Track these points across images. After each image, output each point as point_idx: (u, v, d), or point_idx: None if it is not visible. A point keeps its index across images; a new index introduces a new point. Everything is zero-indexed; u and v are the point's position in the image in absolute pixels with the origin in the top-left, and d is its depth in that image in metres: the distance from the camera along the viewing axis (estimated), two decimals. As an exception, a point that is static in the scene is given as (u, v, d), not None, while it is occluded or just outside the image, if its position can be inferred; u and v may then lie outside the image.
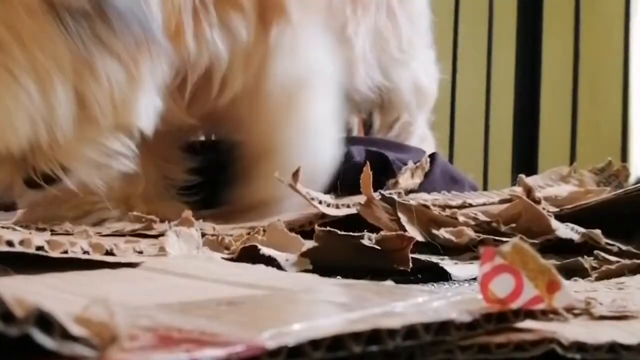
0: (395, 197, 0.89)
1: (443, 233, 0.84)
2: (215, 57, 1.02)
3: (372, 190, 0.89)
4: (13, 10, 0.86)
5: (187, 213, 0.84)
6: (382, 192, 0.91)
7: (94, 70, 0.89)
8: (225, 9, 1.02)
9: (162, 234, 0.79)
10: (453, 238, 0.83)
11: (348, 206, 0.95)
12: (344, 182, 1.09)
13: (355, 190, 0.93)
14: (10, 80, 0.86)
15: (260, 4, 1.04)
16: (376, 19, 1.33)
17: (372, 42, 1.32)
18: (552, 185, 1.09)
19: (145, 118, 0.95)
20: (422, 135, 1.46)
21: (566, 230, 0.85)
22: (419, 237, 0.83)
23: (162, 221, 0.93)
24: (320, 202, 0.94)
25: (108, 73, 0.90)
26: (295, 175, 0.93)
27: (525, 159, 1.91)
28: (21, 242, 0.59)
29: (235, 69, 1.04)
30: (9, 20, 0.86)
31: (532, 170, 1.72)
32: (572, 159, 1.73)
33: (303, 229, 0.92)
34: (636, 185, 0.94)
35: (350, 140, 1.28)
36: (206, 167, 1.15)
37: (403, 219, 0.85)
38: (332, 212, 0.94)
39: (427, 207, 0.88)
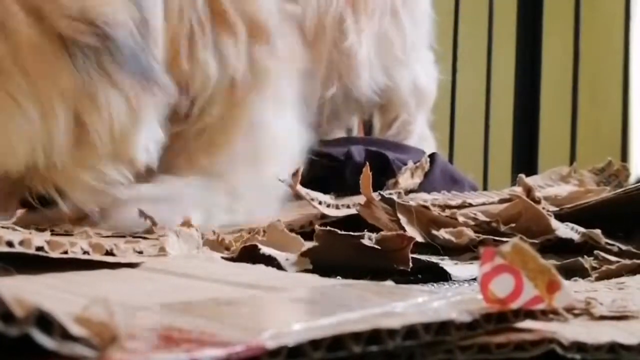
0: (394, 197, 0.89)
1: (443, 234, 0.84)
2: (206, 78, 1.03)
3: (371, 191, 0.89)
4: (17, 45, 0.88)
5: (187, 216, 0.84)
6: (381, 192, 0.91)
7: (96, 101, 0.90)
8: (220, 34, 1.03)
9: (162, 235, 0.79)
10: (453, 238, 0.83)
11: (348, 207, 0.95)
12: (343, 182, 1.09)
13: (355, 190, 0.93)
14: (11, 104, 0.88)
15: (250, 35, 1.05)
16: (380, 23, 1.33)
17: (377, 46, 1.32)
18: (552, 185, 1.09)
19: (145, 151, 0.96)
20: (421, 134, 1.47)
21: (566, 230, 0.85)
22: (419, 238, 0.83)
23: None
24: (320, 203, 0.95)
25: (110, 105, 0.91)
26: (295, 176, 0.94)
27: (525, 159, 1.91)
28: (21, 243, 0.59)
29: (219, 93, 1.05)
30: (12, 53, 0.88)
31: (532, 170, 1.72)
32: (572, 159, 1.73)
33: (303, 229, 0.92)
34: (636, 185, 0.94)
35: (350, 140, 1.28)
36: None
37: (403, 220, 0.85)
38: (332, 212, 0.94)
39: (426, 207, 0.88)
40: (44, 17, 0.88)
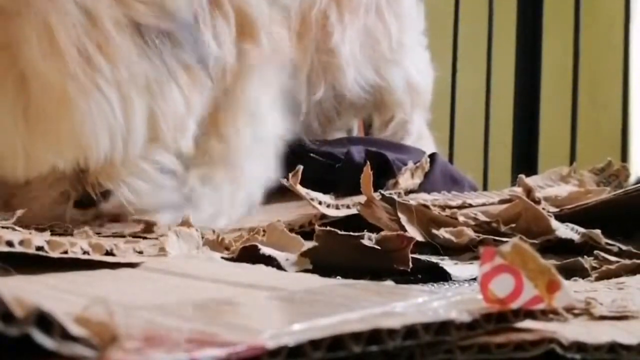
0: (395, 197, 0.89)
1: (443, 233, 0.84)
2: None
3: (372, 190, 0.89)
4: (103, 28, 0.88)
5: (186, 216, 0.84)
6: (382, 192, 0.91)
7: (165, 91, 0.91)
8: (216, 14, 1.04)
9: (162, 235, 0.79)
10: (453, 238, 0.83)
11: (348, 207, 0.95)
12: (343, 182, 1.09)
13: (354, 190, 0.93)
14: (97, 95, 0.88)
15: (238, 25, 1.06)
16: (366, 20, 1.33)
17: (363, 43, 1.33)
18: (552, 185, 1.09)
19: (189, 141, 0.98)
20: (419, 133, 1.46)
21: (566, 231, 0.85)
22: (419, 237, 0.83)
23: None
24: (320, 203, 0.95)
25: (175, 95, 0.92)
26: (295, 175, 0.94)
27: (525, 159, 1.91)
28: (21, 243, 0.59)
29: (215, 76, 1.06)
30: (98, 38, 0.88)
31: (532, 170, 1.72)
32: (572, 159, 1.73)
33: (303, 229, 0.92)
34: (636, 186, 0.94)
35: (350, 141, 1.28)
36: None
37: (403, 219, 0.85)
38: (332, 212, 0.94)
39: (427, 207, 0.88)
40: (122, 2, 0.88)
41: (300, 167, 0.95)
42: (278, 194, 1.07)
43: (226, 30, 1.04)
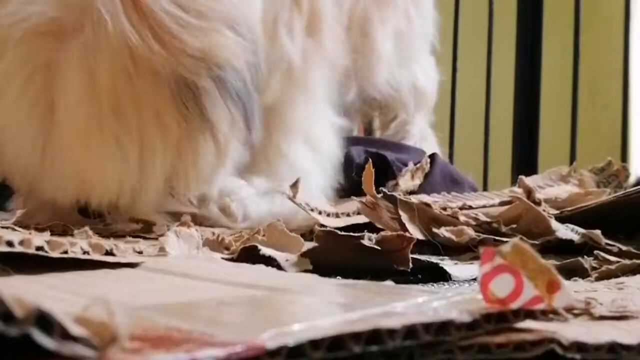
0: (396, 195, 0.89)
1: (443, 232, 0.84)
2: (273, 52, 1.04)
3: (374, 188, 0.89)
4: (143, 80, 0.87)
5: (186, 217, 0.84)
6: (383, 189, 0.91)
7: (194, 147, 0.91)
8: (293, 7, 1.06)
9: (162, 235, 0.79)
10: (453, 237, 0.84)
11: (348, 215, 0.95)
12: (343, 183, 1.09)
13: (355, 191, 0.93)
14: (115, 151, 0.88)
15: (308, 24, 1.07)
16: (397, 18, 1.33)
17: (395, 42, 1.32)
18: (552, 185, 1.09)
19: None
20: (422, 134, 1.46)
21: (566, 231, 0.85)
22: (420, 236, 0.83)
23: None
24: (320, 213, 0.94)
25: (205, 150, 0.92)
26: (294, 186, 0.94)
27: (525, 159, 1.91)
28: (21, 242, 0.59)
29: (279, 71, 1.06)
30: (136, 90, 0.87)
31: (532, 170, 1.72)
32: (572, 159, 1.73)
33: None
34: (636, 187, 0.94)
35: (350, 141, 1.28)
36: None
37: (404, 217, 0.85)
38: (331, 222, 0.93)
39: (428, 205, 0.88)
40: (168, 55, 0.87)
41: (300, 178, 0.95)
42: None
43: (299, 27, 1.05)
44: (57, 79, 0.87)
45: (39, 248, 0.59)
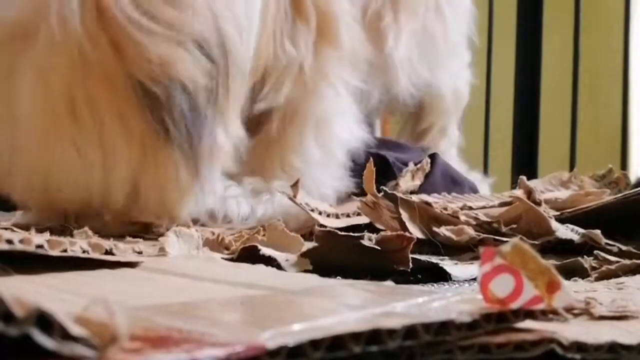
0: (397, 194, 0.89)
1: (444, 231, 0.84)
2: (277, 57, 1.03)
3: (374, 187, 0.89)
4: (96, 81, 0.87)
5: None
6: (384, 188, 0.91)
7: (158, 160, 0.90)
8: (295, 19, 1.04)
9: (161, 235, 0.79)
10: (453, 236, 0.83)
11: (348, 215, 0.95)
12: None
13: (354, 192, 0.93)
14: (75, 155, 0.88)
15: (319, 27, 1.06)
16: (425, 20, 1.29)
17: (419, 44, 1.28)
18: (552, 190, 1.09)
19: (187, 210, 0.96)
20: (453, 139, 1.44)
21: (566, 231, 0.85)
22: (420, 235, 0.83)
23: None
24: (320, 213, 0.94)
25: (173, 165, 0.90)
26: (295, 186, 0.94)
27: (525, 160, 1.91)
28: (21, 241, 0.59)
29: (287, 75, 1.05)
30: (90, 91, 0.87)
31: (532, 170, 1.72)
32: (572, 159, 1.73)
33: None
34: (636, 190, 0.94)
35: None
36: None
37: (404, 216, 0.85)
38: (331, 222, 0.93)
39: (429, 204, 0.88)
40: (124, 60, 0.87)
41: (300, 178, 0.95)
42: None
43: (306, 34, 1.04)
44: (17, 82, 0.88)
45: (39, 246, 0.59)
